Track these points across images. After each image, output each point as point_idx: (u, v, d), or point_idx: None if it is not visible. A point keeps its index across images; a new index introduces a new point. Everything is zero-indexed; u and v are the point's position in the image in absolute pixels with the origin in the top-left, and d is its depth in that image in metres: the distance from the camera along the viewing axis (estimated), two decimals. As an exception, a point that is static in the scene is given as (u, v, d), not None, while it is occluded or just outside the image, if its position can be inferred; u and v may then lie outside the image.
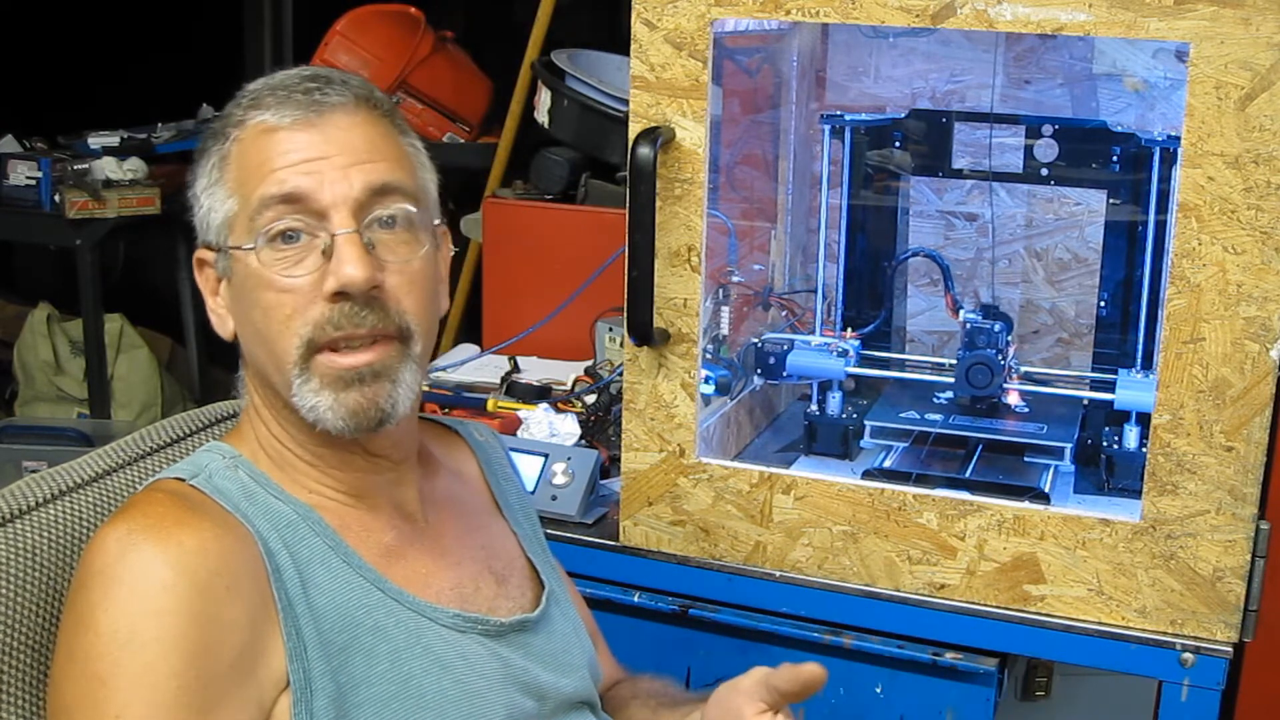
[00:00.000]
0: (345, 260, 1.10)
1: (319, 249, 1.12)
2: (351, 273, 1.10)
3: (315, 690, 1.06)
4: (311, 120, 1.13)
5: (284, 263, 1.11)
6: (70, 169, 3.59)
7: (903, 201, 1.97)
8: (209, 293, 1.19)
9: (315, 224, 1.12)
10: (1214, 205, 1.40)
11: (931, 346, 2.06)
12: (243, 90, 1.18)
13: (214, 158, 1.16)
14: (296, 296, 1.11)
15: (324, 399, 1.12)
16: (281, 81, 1.16)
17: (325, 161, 1.12)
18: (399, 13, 3.44)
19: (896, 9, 1.48)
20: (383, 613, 1.13)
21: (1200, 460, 1.45)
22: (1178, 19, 1.38)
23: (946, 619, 1.57)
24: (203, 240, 1.18)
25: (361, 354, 1.12)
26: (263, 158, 1.13)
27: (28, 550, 1.13)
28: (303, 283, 1.11)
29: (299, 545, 1.12)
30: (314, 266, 1.11)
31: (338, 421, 1.12)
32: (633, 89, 1.57)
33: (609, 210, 2.42)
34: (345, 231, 1.11)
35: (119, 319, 3.95)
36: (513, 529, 1.34)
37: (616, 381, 1.97)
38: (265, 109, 1.14)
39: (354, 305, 1.11)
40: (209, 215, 1.16)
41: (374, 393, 1.12)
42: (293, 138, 1.12)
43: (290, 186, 1.11)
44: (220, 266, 1.17)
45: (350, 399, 1.12)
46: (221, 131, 1.16)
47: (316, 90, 1.14)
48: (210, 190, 1.16)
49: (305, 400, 1.12)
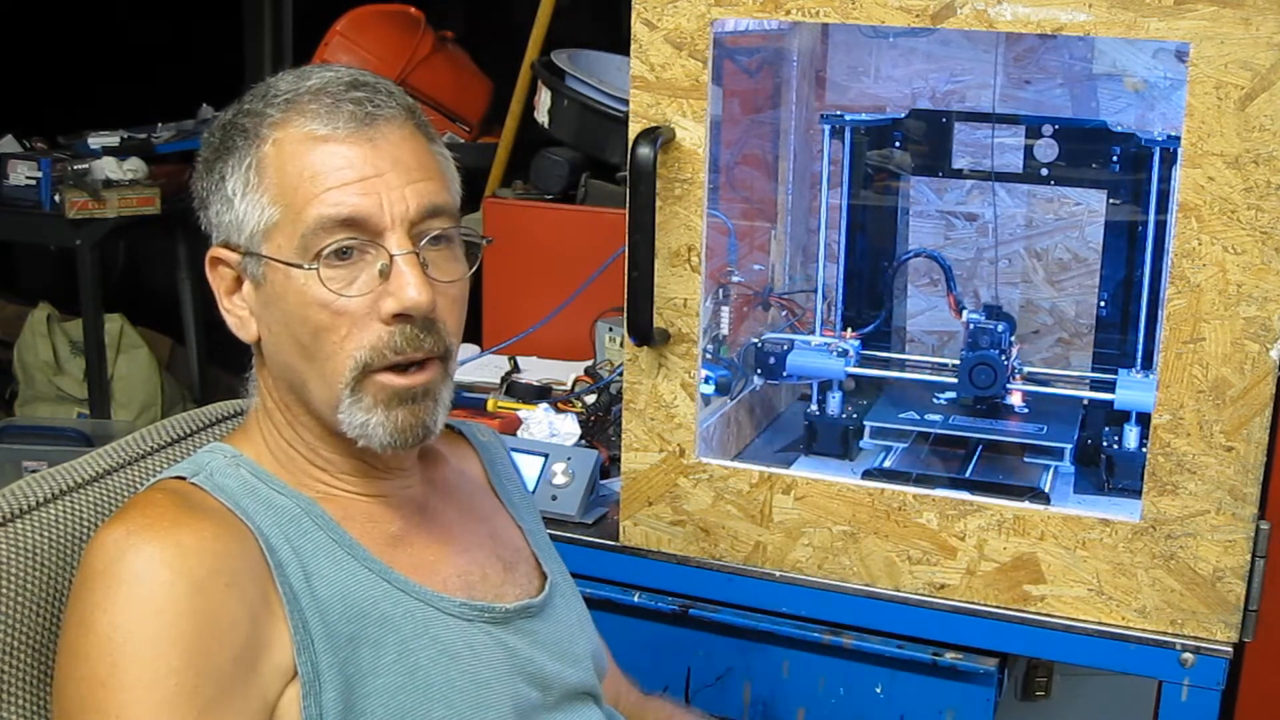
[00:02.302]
0: (408, 283, 1.09)
1: (374, 268, 1.10)
2: (416, 296, 1.09)
3: (324, 682, 1.07)
4: (366, 134, 1.11)
5: (337, 282, 1.10)
6: (70, 169, 3.59)
7: (903, 201, 1.97)
8: (224, 292, 1.17)
9: (368, 241, 1.10)
10: (1214, 205, 1.40)
11: (931, 346, 2.06)
12: (271, 88, 1.14)
13: (247, 158, 1.12)
14: (351, 318, 1.10)
15: (375, 416, 1.12)
16: (324, 86, 1.12)
17: (380, 180, 1.10)
18: (399, 13, 3.44)
19: (896, 9, 1.48)
20: (389, 603, 1.13)
21: (1200, 460, 1.45)
22: (1178, 19, 1.38)
23: (946, 619, 1.57)
24: (222, 239, 1.15)
25: (416, 375, 1.12)
26: (314, 171, 1.10)
27: (28, 550, 1.13)
28: (358, 304, 1.10)
29: (302, 539, 1.12)
30: (370, 286, 1.10)
31: (386, 438, 1.12)
32: (633, 89, 1.57)
33: (609, 210, 2.43)
34: (404, 252, 1.10)
35: (119, 319, 3.95)
36: (518, 523, 1.34)
37: (616, 381, 1.97)
38: (310, 116, 1.11)
39: (413, 328, 1.11)
40: (242, 219, 1.12)
41: (422, 411, 1.13)
42: (345, 151, 1.10)
43: (350, 209, 1.09)
44: (249, 271, 1.14)
45: (400, 417, 1.12)
46: (255, 131, 1.13)
47: (367, 101, 1.12)
48: (245, 194, 1.12)
49: (354, 418, 1.12)
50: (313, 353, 1.12)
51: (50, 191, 3.55)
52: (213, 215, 1.16)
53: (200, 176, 1.17)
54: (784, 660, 1.65)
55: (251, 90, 1.16)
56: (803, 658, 1.64)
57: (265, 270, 1.12)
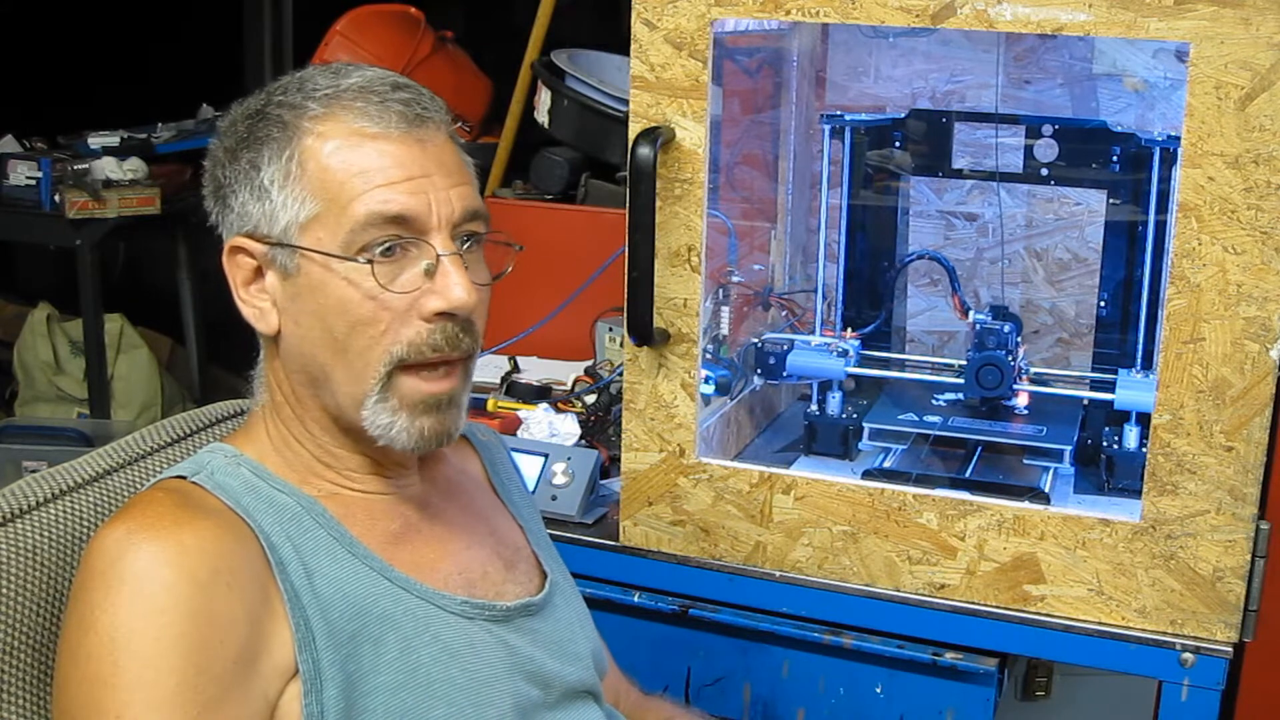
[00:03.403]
0: (455, 283, 1.11)
1: (416, 266, 1.12)
2: (462, 295, 1.11)
3: (325, 680, 1.07)
4: (416, 135, 1.12)
5: (382, 276, 1.11)
6: (70, 169, 3.59)
7: (903, 201, 1.97)
8: (240, 282, 1.16)
9: (412, 239, 1.11)
10: (1214, 205, 1.40)
11: (931, 346, 2.06)
12: (308, 81, 1.14)
13: (287, 150, 1.12)
14: (393, 313, 1.11)
15: (400, 420, 1.13)
16: (367, 85, 1.13)
17: (428, 181, 1.12)
18: (399, 13, 3.44)
19: (896, 9, 1.48)
20: (390, 601, 1.13)
21: (1200, 460, 1.45)
22: (1178, 19, 1.38)
23: (946, 619, 1.57)
24: (247, 229, 1.14)
25: (444, 381, 1.14)
26: (362, 167, 1.11)
27: (28, 550, 1.13)
28: (401, 300, 1.11)
29: (303, 537, 1.12)
30: (413, 284, 1.11)
31: (409, 443, 1.14)
32: (633, 89, 1.57)
33: (609, 210, 2.43)
34: (450, 253, 1.12)
35: (119, 319, 3.95)
36: (518, 523, 1.34)
37: (616, 381, 1.97)
38: (358, 113, 1.12)
39: (454, 327, 1.13)
40: (276, 210, 1.12)
41: (447, 419, 1.15)
42: (394, 151, 1.11)
43: (400, 206, 1.10)
44: (279, 262, 1.13)
45: (426, 424, 1.14)
46: (294, 124, 1.12)
47: (414, 103, 1.13)
48: (283, 185, 1.12)
49: (379, 418, 1.13)
50: (346, 345, 1.12)
51: (50, 191, 3.55)
52: (236, 204, 1.15)
53: (221, 164, 1.16)
54: (784, 660, 1.65)
55: (280, 83, 1.16)
56: (803, 658, 1.64)
57: (300, 261, 1.12)
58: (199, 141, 3.94)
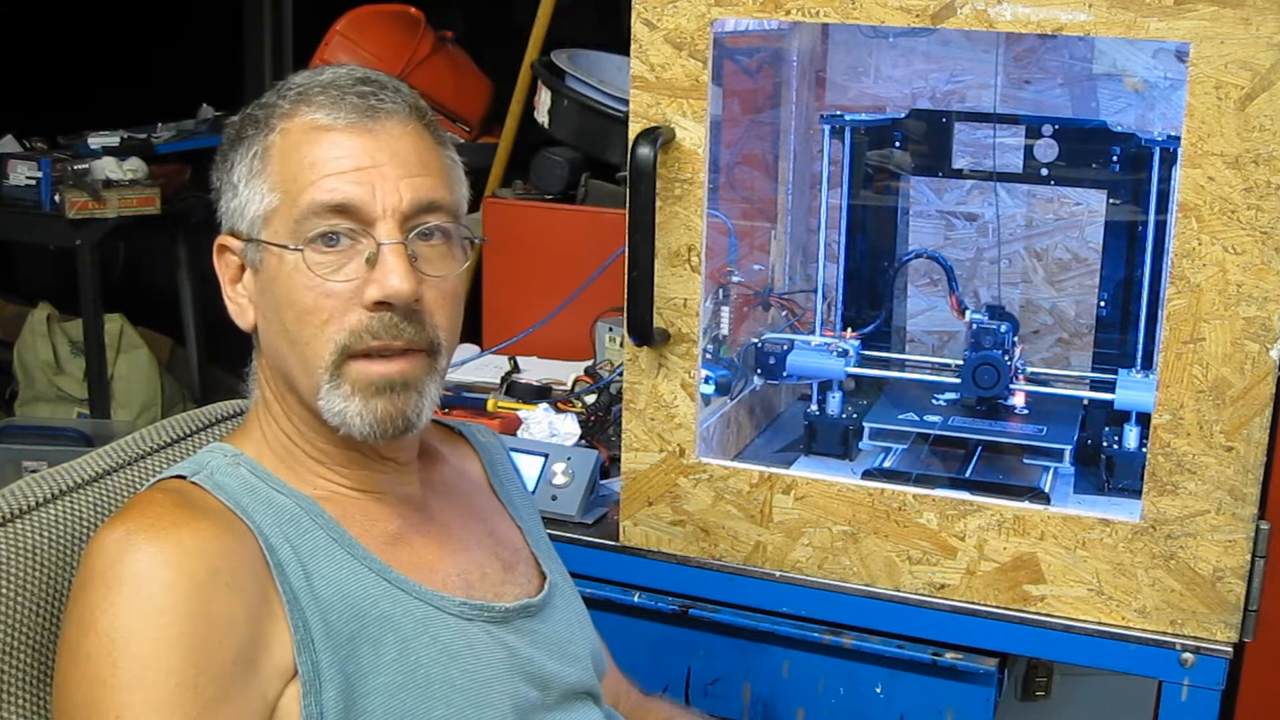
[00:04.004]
0: (391, 271, 1.11)
1: (362, 256, 1.12)
2: (397, 284, 1.11)
3: (324, 681, 1.07)
4: (366, 125, 1.13)
5: (325, 266, 1.11)
6: (70, 169, 3.59)
7: (903, 201, 1.97)
8: (228, 280, 1.19)
9: (359, 230, 1.12)
10: (1214, 205, 1.40)
11: (931, 346, 2.06)
12: (286, 82, 1.17)
13: (255, 147, 1.15)
14: (335, 301, 1.12)
15: (353, 405, 1.13)
16: (333, 80, 1.15)
17: (376, 170, 1.12)
18: (399, 13, 3.44)
19: (896, 9, 1.48)
20: (389, 602, 1.13)
21: (1200, 460, 1.45)
22: (1178, 19, 1.38)
23: (946, 619, 1.57)
24: (229, 227, 1.17)
25: (394, 363, 1.14)
26: (312, 159, 1.12)
27: (28, 550, 1.13)
28: (344, 289, 1.12)
29: (301, 538, 1.12)
30: (356, 273, 1.12)
31: (364, 428, 1.13)
32: (633, 89, 1.57)
33: (609, 210, 2.43)
34: (391, 242, 1.12)
35: (119, 319, 3.95)
36: (518, 524, 1.34)
37: (616, 381, 1.97)
38: (316, 107, 1.14)
39: (394, 316, 1.12)
40: (244, 205, 1.15)
41: (402, 403, 1.14)
42: (345, 141, 1.12)
43: (342, 195, 1.11)
44: (249, 257, 1.16)
45: (379, 406, 1.13)
46: (265, 122, 1.15)
47: (372, 95, 1.14)
48: (249, 181, 1.15)
49: (333, 404, 1.13)
50: (295, 336, 1.13)
51: (50, 191, 3.55)
52: (223, 204, 1.18)
53: (216, 167, 1.20)
54: (784, 660, 1.65)
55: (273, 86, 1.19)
56: (803, 658, 1.64)
57: (263, 255, 1.14)
58: (199, 141, 3.95)
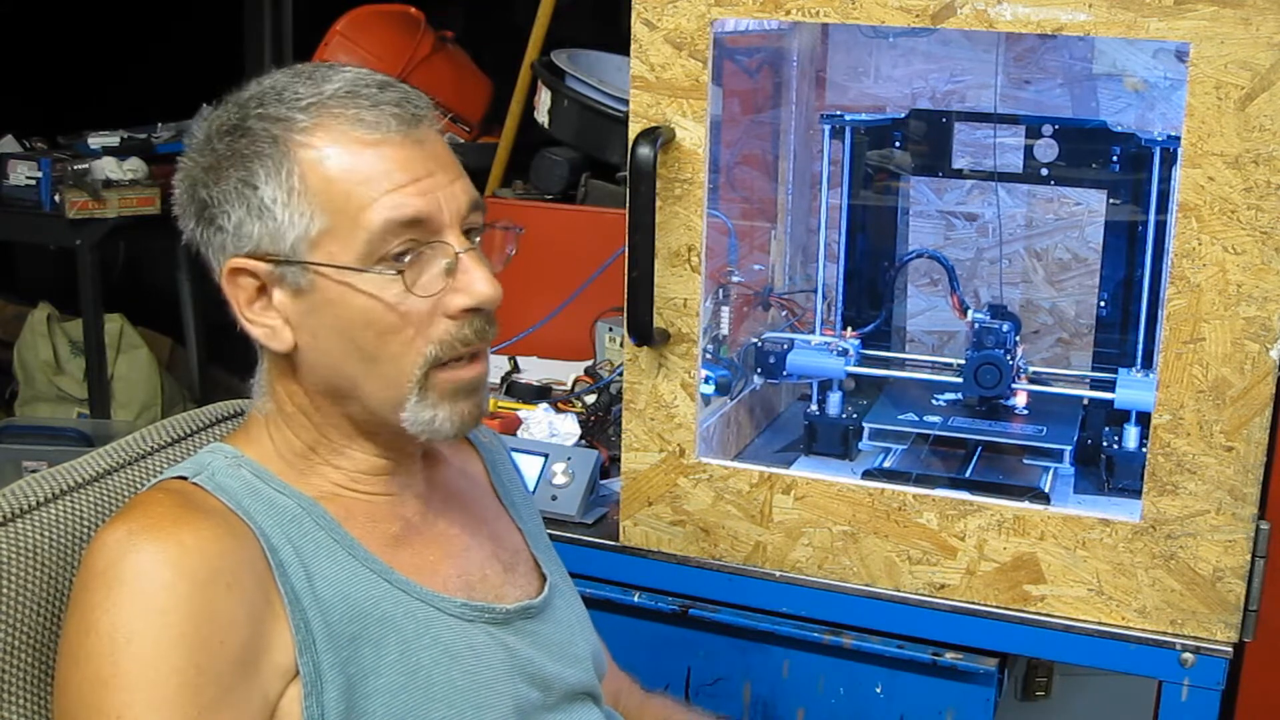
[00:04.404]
0: (478, 279, 1.13)
1: (436, 267, 1.12)
2: (486, 289, 1.13)
3: (325, 682, 1.07)
4: (414, 135, 1.12)
5: (400, 283, 1.11)
6: (70, 169, 3.59)
7: (903, 201, 1.97)
8: (243, 303, 1.13)
9: (425, 240, 1.12)
10: (1214, 205, 1.40)
11: (931, 346, 2.06)
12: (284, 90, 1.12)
13: (284, 165, 1.09)
14: (418, 317, 1.12)
15: (441, 411, 1.14)
16: (353, 89, 1.11)
17: (433, 180, 1.12)
18: (399, 13, 3.44)
19: (896, 9, 1.48)
20: (390, 603, 1.13)
21: (1200, 460, 1.45)
22: (1178, 19, 1.38)
23: (946, 619, 1.57)
24: (247, 249, 1.11)
25: (475, 366, 1.17)
26: (366, 175, 1.09)
27: (29, 550, 1.13)
28: (426, 303, 1.12)
29: (303, 539, 1.12)
30: (434, 285, 1.12)
31: (452, 430, 1.16)
32: (633, 89, 1.57)
33: (609, 210, 2.43)
34: (467, 249, 1.13)
35: (119, 319, 3.95)
36: (518, 526, 1.34)
37: (616, 381, 1.97)
38: (352, 122, 1.10)
39: (480, 320, 1.15)
40: (281, 227, 1.10)
41: (480, 400, 1.18)
42: (396, 155, 1.11)
43: (414, 210, 1.10)
44: (289, 279, 1.11)
45: (464, 409, 1.16)
46: (283, 137, 1.10)
47: (406, 102, 1.13)
48: (285, 202, 1.09)
49: (420, 415, 1.14)
50: (376, 354, 1.12)
51: (50, 191, 3.55)
52: (229, 225, 1.12)
53: (202, 184, 1.13)
54: (784, 660, 1.65)
55: (251, 94, 1.13)
56: (803, 658, 1.64)
57: (313, 278, 1.11)
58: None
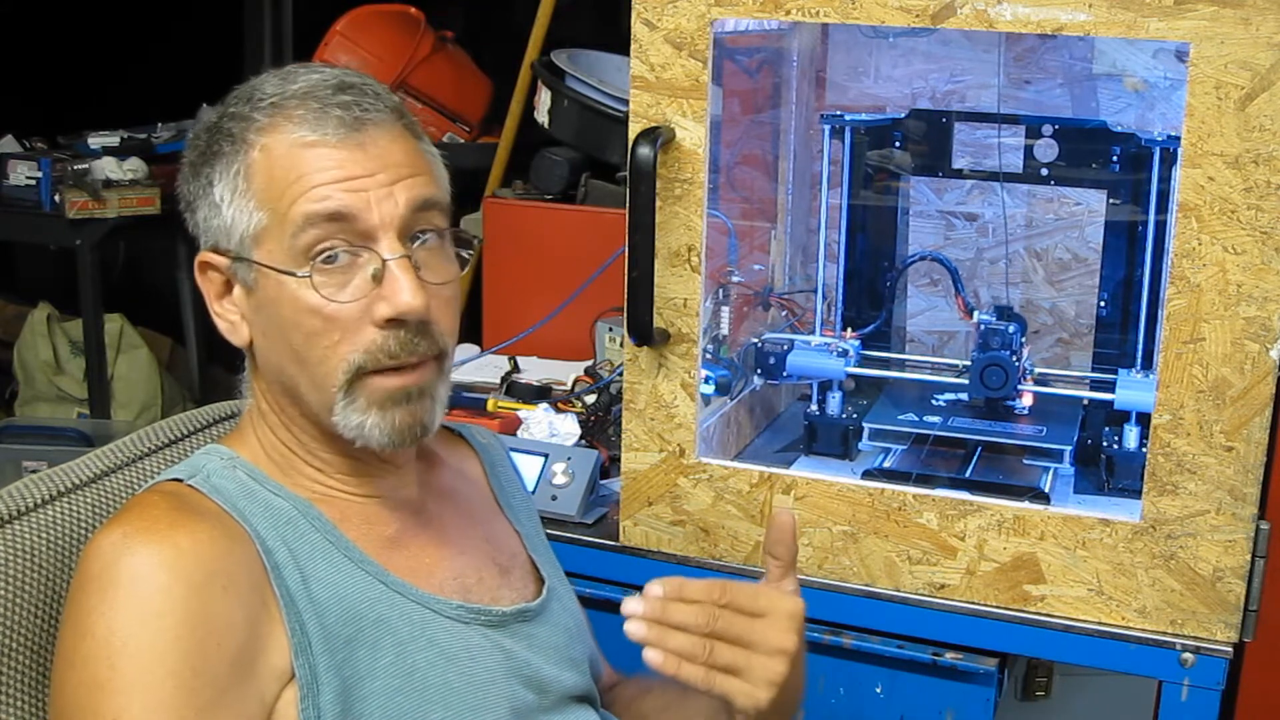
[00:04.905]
0: (402, 289, 1.09)
1: (366, 272, 1.10)
2: (410, 301, 1.09)
3: (321, 685, 1.07)
4: (355, 139, 1.11)
5: (329, 287, 1.09)
6: (70, 169, 3.59)
7: (903, 201, 1.97)
8: (213, 296, 1.16)
9: (359, 245, 1.10)
10: (1214, 205, 1.40)
11: (931, 346, 2.06)
12: (257, 91, 1.14)
13: (235, 164, 1.12)
14: (344, 323, 1.10)
15: (370, 417, 1.12)
16: (310, 90, 1.12)
17: (369, 179, 1.10)
18: (399, 13, 3.44)
19: (896, 9, 1.48)
20: (385, 605, 1.13)
21: (1200, 460, 1.45)
22: (1178, 19, 1.38)
23: (946, 619, 1.57)
24: (211, 244, 1.15)
25: (408, 375, 1.12)
26: (300, 171, 1.10)
27: (26, 552, 1.13)
28: (351, 309, 1.10)
29: (298, 541, 1.12)
30: (361, 291, 1.10)
31: (383, 439, 1.12)
32: (633, 89, 1.57)
33: (609, 210, 2.42)
34: (396, 256, 1.10)
35: (119, 319, 3.95)
36: (516, 529, 1.34)
37: (616, 381, 1.97)
38: (299, 122, 1.10)
39: (407, 332, 1.11)
40: (230, 224, 1.12)
41: (419, 410, 1.14)
42: (334, 154, 1.10)
43: (335, 204, 1.09)
44: (240, 275, 1.14)
45: (396, 417, 1.12)
46: (241, 137, 1.12)
47: (355, 105, 1.11)
48: (234, 200, 1.12)
49: (350, 420, 1.12)
50: (305, 357, 1.12)
51: (50, 191, 3.55)
52: (201, 219, 1.15)
53: (186, 180, 1.17)
54: (784, 660, 1.65)
55: (236, 92, 1.16)
56: (802, 658, 1.64)
57: (256, 275, 1.12)
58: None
